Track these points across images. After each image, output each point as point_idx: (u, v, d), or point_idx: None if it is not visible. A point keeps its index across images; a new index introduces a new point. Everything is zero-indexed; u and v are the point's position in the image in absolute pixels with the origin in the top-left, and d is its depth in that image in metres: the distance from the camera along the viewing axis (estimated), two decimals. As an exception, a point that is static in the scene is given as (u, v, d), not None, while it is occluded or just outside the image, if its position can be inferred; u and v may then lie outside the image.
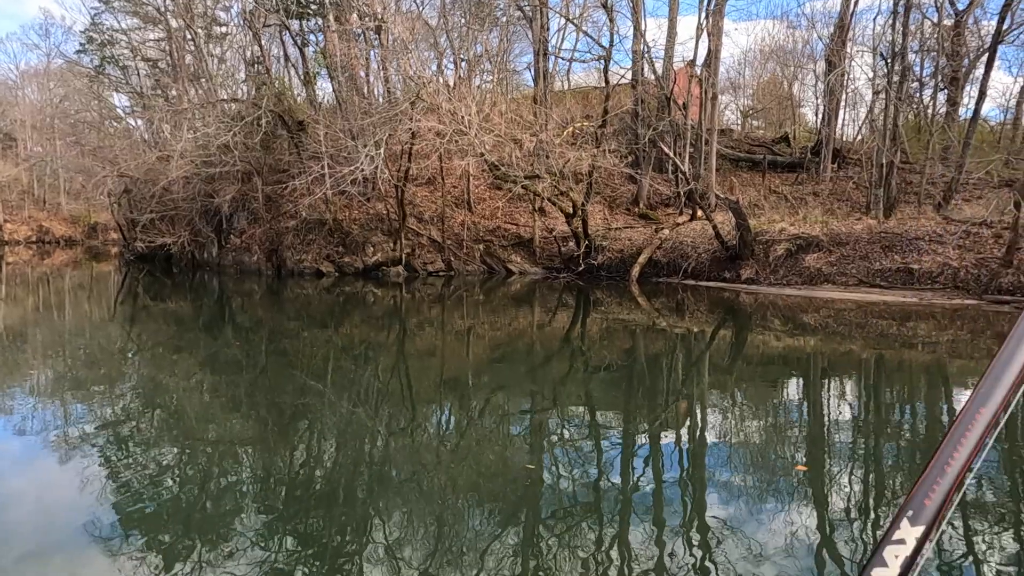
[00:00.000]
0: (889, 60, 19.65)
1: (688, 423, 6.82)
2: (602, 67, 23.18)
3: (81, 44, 34.98)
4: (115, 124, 34.43)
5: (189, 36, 27.09)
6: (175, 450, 5.80)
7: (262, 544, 3.97)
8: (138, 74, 33.17)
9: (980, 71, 24.37)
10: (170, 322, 14.35)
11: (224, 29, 31.58)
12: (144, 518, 4.35)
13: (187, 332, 13.05)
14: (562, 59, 27.53)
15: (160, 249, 24.83)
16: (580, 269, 19.91)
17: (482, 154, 16.79)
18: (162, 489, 4.87)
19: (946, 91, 23.39)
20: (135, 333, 13.13)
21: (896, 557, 0.64)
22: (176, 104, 22.93)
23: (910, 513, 0.66)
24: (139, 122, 31.46)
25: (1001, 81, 49.50)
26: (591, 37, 22.71)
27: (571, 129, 19.75)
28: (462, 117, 16.15)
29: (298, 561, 3.79)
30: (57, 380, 8.64)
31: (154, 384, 8.48)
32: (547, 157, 17.89)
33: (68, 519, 4.38)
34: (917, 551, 0.65)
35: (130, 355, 10.87)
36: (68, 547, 4.01)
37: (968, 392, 4.78)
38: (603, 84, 23.31)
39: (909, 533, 0.65)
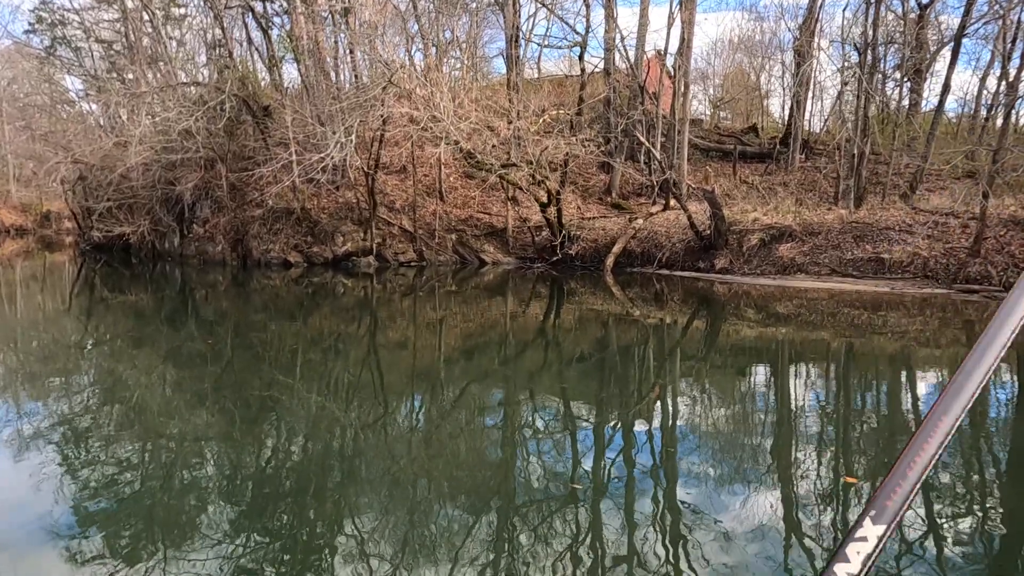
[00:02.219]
0: (861, 51, 19.83)
1: (662, 413, 6.83)
2: (574, 55, 22.96)
3: (30, 24, 33.42)
4: (68, 108, 33.00)
5: (146, 17, 26.00)
6: (136, 446, 5.56)
7: (228, 541, 3.84)
8: (92, 56, 31.79)
9: (939, 64, 24.94)
10: (130, 315, 13.74)
11: (183, 11, 30.47)
12: (103, 517, 4.14)
13: (148, 325, 12.51)
14: (537, 44, 27.24)
15: (118, 239, 23.86)
16: (554, 259, 19.73)
17: (457, 142, 16.42)
18: (122, 486, 4.65)
19: (909, 83, 23.79)
20: (92, 326, 12.54)
21: (858, 553, 0.68)
22: (134, 87, 21.94)
23: (873, 513, 0.70)
24: (93, 106, 30.17)
25: (958, 75, 50.68)
26: (567, 23, 22.46)
27: (546, 117, 19.50)
28: (437, 103, 15.75)
29: (266, 558, 3.68)
30: (8, 375, 8.20)
31: (113, 379, 8.11)
32: (524, 145, 17.61)
33: (21, 519, 4.15)
34: (877, 547, 0.68)
35: (87, 349, 10.39)
36: (21, 548, 3.79)
37: (931, 382, 5.97)
38: (574, 72, 23.11)
39: (871, 531, 0.69)
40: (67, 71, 33.04)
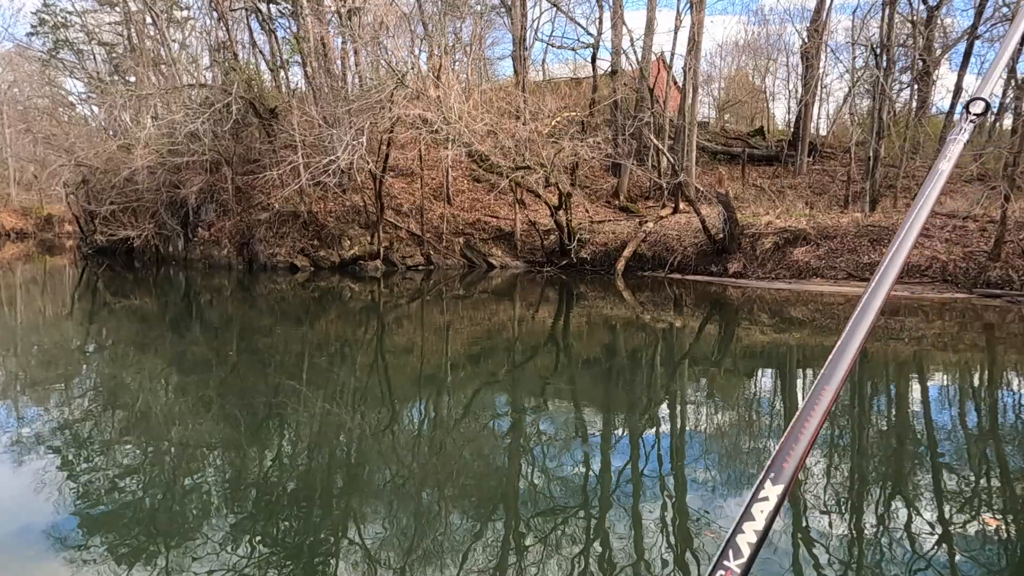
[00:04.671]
0: (878, 52, 19.62)
1: (673, 420, 6.73)
2: (580, 57, 22.77)
3: (32, 26, 33.24)
4: (69, 112, 32.78)
5: (149, 19, 25.81)
6: (140, 452, 5.45)
7: (234, 548, 3.77)
8: (94, 59, 31.60)
9: (942, 67, 24.79)
10: (133, 319, 13.49)
11: (186, 13, 30.29)
12: (106, 522, 4.07)
13: (152, 330, 12.27)
14: (552, 46, 27.03)
15: (122, 242, 23.61)
16: (563, 263, 19.48)
17: (470, 144, 16.16)
18: (126, 492, 4.58)
19: (918, 86, 23.60)
20: (95, 331, 12.31)
21: (762, 512, 0.74)
22: (138, 89, 21.72)
23: (772, 475, 0.77)
24: (95, 109, 29.96)
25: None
26: (580, 25, 22.24)
27: (559, 119, 19.27)
28: (450, 105, 15.51)
29: (272, 565, 3.63)
30: (9, 380, 7.97)
31: (116, 384, 7.94)
32: (540, 147, 17.36)
33: (24, 524, 4.08)
34: (778, 506, 0.75)
35: (90, 354, 10.18)
36: (25, 553, 3.72)
37: (947, 386, 6.29)
38: (579, 75, 22.91)
39: (772, 492, 0.76)
40: (69, 74, 32.82)
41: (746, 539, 0.75)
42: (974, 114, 1.06)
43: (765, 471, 0.78)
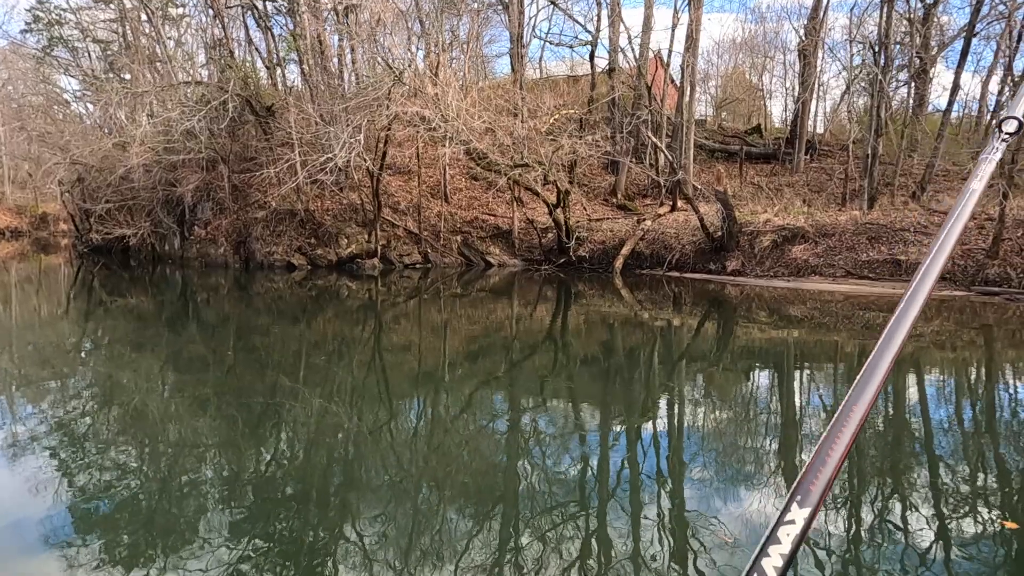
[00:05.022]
0: (877, 50, 19.61)
1: (671, 418, 6.72)
2: (577, 55, 22.71)
3: (27, 23, 33.00)
4: (64, 109, 32.59)
5: (144, 17, 25.66)
6: (136, 451, 5.41)
7: (232, 548, 3.76)
8: (89, 56, 31.40)
9: (938, 65, 24.81)
10: (129, 318, 13.41)
11: (181, 10, 30.11)
12: (103, 521, 4.05)
13: (148, 329, 12.19)
14: (549, 43, 26.96)
15: (117, 241, 23.49)
16: (561, 261, 19.43)
17: (468, 142, 16.09)
18: (122, 491, 4.54)
19: (914, 83, 23.60)
20: (91, 330, 12.23)
21: (788, 535, 0.73)
22: (134, 87, 21.59)
23: (799, 497, 0.74)
24: (90, 107, 29.79)
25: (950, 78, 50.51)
26: (578, 22, 22.19)
27: (557, 116, 19.21)
28: (449, 103, 15.44)
29: (269, 563, 3.62)
30: (4, 379, 7.94)
31: (113, 383, 7.87)
32: (538, 145, 17.30)
33: (21, 523, 4.06)
34: (805, 529, 0.73)
35: (86, 353, 10.11)
36: (21, 552, 3.70)
37: (945, 384, 6.31)
38: (576, 73, 22.85)
39: (798, 514, 0.73)
40: (64, 71, 32.62)
41: (772, 563, 0.72)
42: (1007, 133, 1.05)
43: (791, 493, 0.76)
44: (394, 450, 5.64)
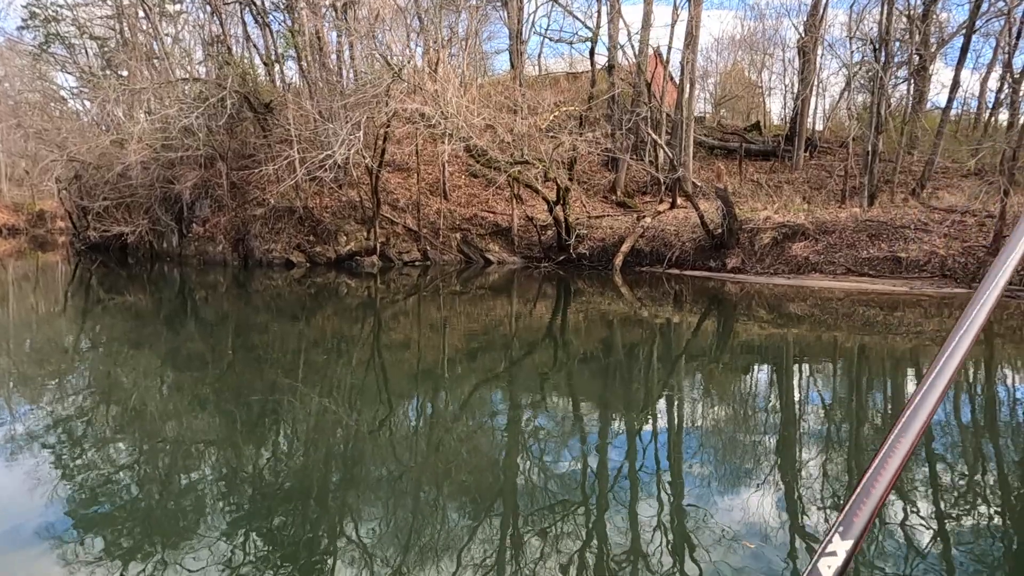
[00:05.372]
0: (877, 46, 19.57)
1: (671, 416, 6.69)
2: (575, 52, 22.63)
3: (23, 20, 32.77)
4: (60, 106, 32.43)
5: (142, 13, 25.52)
6: (135, 449, 5.39)
7: (230, 546, 3.76)
8: (86, 53, 31.23)
9: (937, 63, 24.78)
10: (127, 316, 13.35)
11: (179, 7, 29.95)
12: (101, 520, 4.04)
13: (146, 327, 12.13)
14: (549, 39, 26.89)
15: (115, 238, 23.38)
16: (561, 258, 19.39)
17: (468, 138, 16.02)
18: (120, 489, 4.53)
19: (914, 80, 23.56)
20: (89, 328, 12.17)
21: (829, 567, 0.71)
22: (132, 83, 21.48)
23: (841, 529, 0.73)
24: (87, 104, 29.66)
25: (951, 73, 50.34)
26: (577, 18, 22.11)
27: (557, 113, 19.15)
28: (449, 99, 15.37)
29: (268, 561, 3.61)
30: (1, 377, 7.85)
31: (111, 381, 7.85)
32: (536, 142, 17.24)
33: (18, 522, 4.02)
34: (847, 562, 0.72)
35: (84, 351, 10.07)
36: (19, 551, 3.67)
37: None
38: (575, 70, 22.79)
39: (840, 546, 0.72)
40: (61, 68, 32.44)
41: None
42: None
43: (835, 525, 0.75)
44: (393, 448, 5.62)
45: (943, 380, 0.82)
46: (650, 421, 6.44)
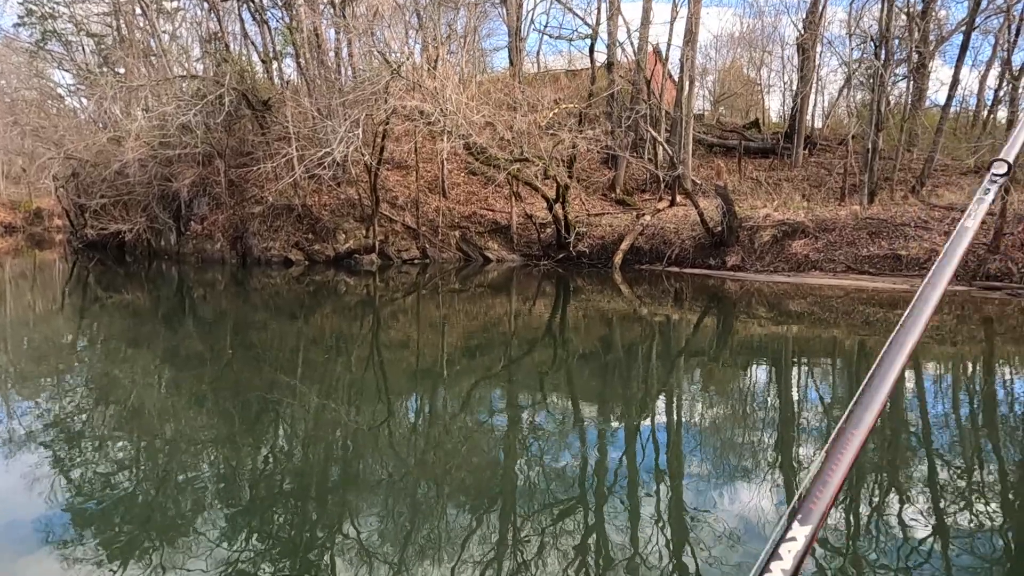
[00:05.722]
0: (878, 43, 19.53)
1: (671, 414, 6.70)
2: (574, 49, 22.55)
3: (19, 17, 32.65)
4: (57, 104, 32.29)
5: (139, 10, 25.41)
6: (133, 448, 5.38)
7: (228, 543, 3.75)
8: (83, 50, 31.11)
9: (937, 61, 24.76)
10: (125, 314, 13.29)
11: (176, 3, 29.83)
12: (99, 518, 4.02)
13: (144, 325, 12.08)
14: (549, 36, 26.80)
15: (113, 236, 23.29)
16: (560, 256, 19.35)
17: (468, 136, 15.95)
18: (119, 488, 4.52)
19: (913, 78, 23.53)
20: (86, 326, 12.11)
21: (789, 551, 0.74)
22: (129, 80, 21.38)
23: (799, 516, 0.76)
24: (84, 101, 29.54)
25: (948, 71, 50.27)
26: (577, 15, 22.03)
27: (557, 110, 19.08)
28: (449, 96, 15.30)
29: (267, 559, 3.59)
30: None
31: (109, 380, 7.81)
32: (536, 139, 17.18)
33: (16, 520, 4.02)
34: (807, 547, 0.75)
35: (81, 349, 10.01)
36: (16, 549, 3.66)
37: (944, 380, 6.25)
38: (574, 67, 22.73)
39: (799, 532, 0.75)
40: (58, 65, 32.29)
41: None
42: (996, 174, 1.12)
43: (791, 512, 0.77)
44: (392, 446, 5.61)
45: (892, 372, 0.86)
46: (649, 419, 6.43)
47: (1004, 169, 1.12)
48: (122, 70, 25.81)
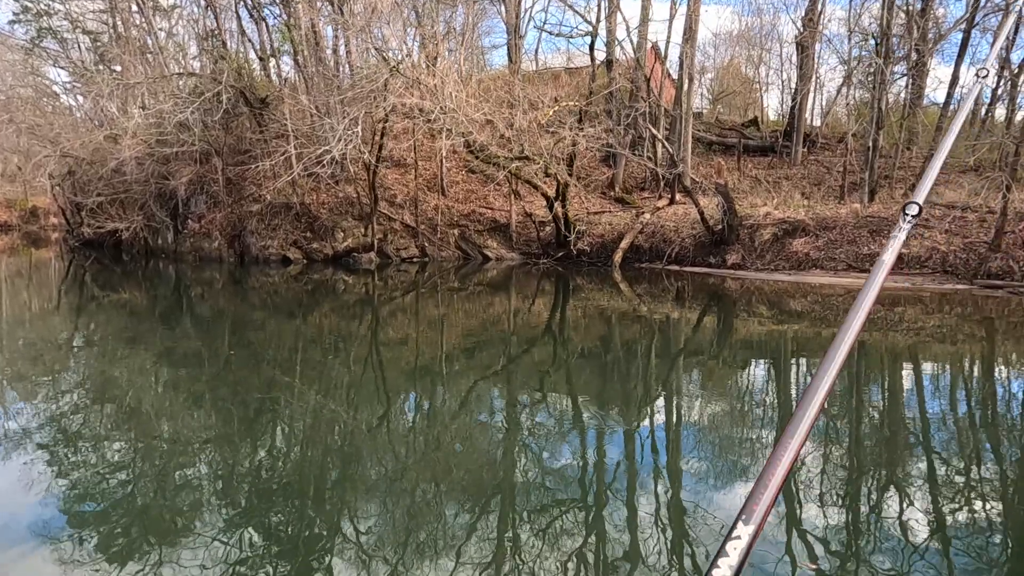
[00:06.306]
0: (878, 41, 19.49)
1: (670, 413, 6.68)
2: (573, 46, 22.50)
3: (14, 14, 32.41)
4: (53, 102, 32.08)
5: (135, 7, 25.26)
6: (130, 447, 5.35)
7: (227, 542, 3.74)
8: (79, 47, 30.91)
9: (935, 59, 24.74)
10: (122, 313, 13.20)
11: (173, 1, 29.67)
12: (96, 518, 4.00)
13: (141, 324, 11.98)
14: (549, 33, 26.70)
15: (109, 235, 23.16)
16: (560, 254, 19.28)
17: (468, 133, 15.86)
18: (116, 488, 4.49)
19: (912, 76, 23.50)
20: (83, 325, 12.03)
21: (735, 549, 0.81)
22: (126, 78, 21.24)
23: (744, 517, 0.83)
24: (80, 99, 29.38)
25: (945, 70, 50.27)
26: (578, 12, 21.95)
27: (557, 108, 19.00)
28: (450, 93, 15.20)
29: (265, 559, 3.59)
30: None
31: (105, 378, 7.75)
32: (538, 137, 17.09)
33: (11, 520, 3.98)
34: (750, 544, 0.82)
35: (78, 348, 9.95)
36: (13, 549, 3.63)
37: (941, 378, 6.29)
38: (572, 65, 22.66)
39: (744, 531, 0.82)
40: (53, 63, 32.06)
41: (721, 573, 0.79)
42: (911, 216, 1.21)
43: (738, 513, 0.83)
44: (391, 445, 5.58)
45: (827, 380, 0.93)
46: (649, 418, 6.41)
47: (916, 211, 1.21)
48: (118, 68, 25.66)
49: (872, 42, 20.93)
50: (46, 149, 22.62)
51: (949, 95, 21.18)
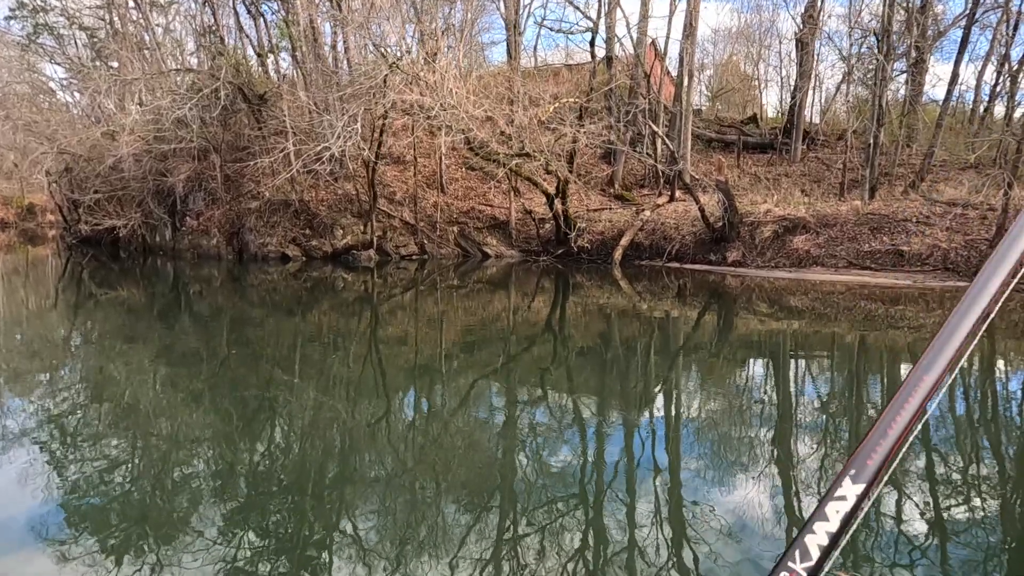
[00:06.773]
0: (879, 38, 19.43)
1: (670, 410, 6.69)
2: (572, 43, 22.43)
3: (11, 10, 32.28)
4: (49, 99, 31.94)
5: (132, 3, 25.13)
6: (128, 445, 5.34)
7: (226, 540, 3.72)
8: (75, 44, 30.77)
9: (934, 57, 24.69)
10: (120, 311, 13.12)
11: (170, -3, 29.50)
12: (95, 515, 3.99)
13: (140, 321, 11.92)
14: (549, 29, 26.62)
15: (107, 232, 23.08)
16: (560, 252, 19.22)
17: (468, 130, 15.78)
18: (114, 485, 4.48)
19: (912, 73, 23.45)
20: (81, 322, 11.96)
21: (837, 512, 0.68)
22: (123, 74, 21.12)
23: (852, 472, 0.70)
24: (77, 95, 29.22)
25: (944, 66, 50.16)
26: (578, 8, 21.89)
27: (557, 105, 18.92)
28: (449, 90, 15.12)
29: (264, 556, 3.57)
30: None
31: (103, 377, 7.72)
32: (538, 134, 17.01)
33: (9, 517, 3.98)
34: (856, 507, 0.68)
35: (76, 346, 9.90)
36: (11, 547, 3.63)
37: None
38: (571, 62, 22.59)
39: (850, 490, 0.69)
40: (50, 59, 31.92)
41: (816, 540, 0.67)
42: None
43: (844, 467, 0.70)
44: (390, 443, 5.57)
45: (973, 313, 0.76)
46: (649, 415, 6.40)
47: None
48: (115, 64, 25.52)
49: (872, 39, 20.85)
50: (43, 146, 22.51)
51: (949, 92, 21.15)
